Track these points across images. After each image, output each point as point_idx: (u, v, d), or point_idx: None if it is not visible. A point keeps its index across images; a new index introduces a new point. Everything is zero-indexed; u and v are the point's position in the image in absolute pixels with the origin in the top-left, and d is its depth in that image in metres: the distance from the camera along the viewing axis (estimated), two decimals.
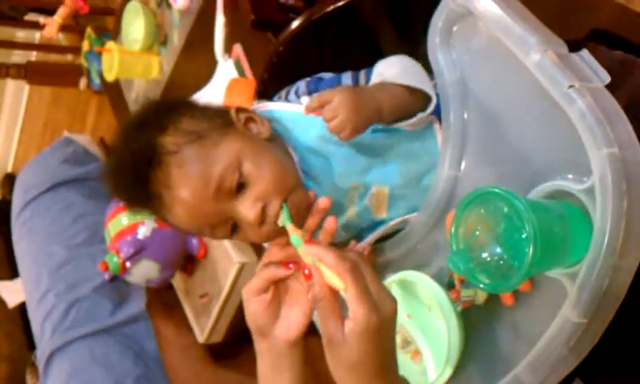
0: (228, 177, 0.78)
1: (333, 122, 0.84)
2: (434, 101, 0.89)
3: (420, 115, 0.89)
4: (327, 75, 0.94)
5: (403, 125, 0.90)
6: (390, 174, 0.93)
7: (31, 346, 2.45)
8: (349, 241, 0.93)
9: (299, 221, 0.79)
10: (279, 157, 0.84)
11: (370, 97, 0.87)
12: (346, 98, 0.84)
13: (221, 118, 0.85)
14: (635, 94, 0.85)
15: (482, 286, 0.70)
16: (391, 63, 0.93)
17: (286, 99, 0.94)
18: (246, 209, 0.79)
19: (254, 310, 0.80)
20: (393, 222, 0.95)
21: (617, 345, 0.77)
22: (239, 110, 0.87)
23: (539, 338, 0.73)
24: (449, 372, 0.82)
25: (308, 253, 0.72)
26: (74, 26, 2.92)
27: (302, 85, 0.93)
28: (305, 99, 0.91)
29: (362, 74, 0.96)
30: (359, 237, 0.97)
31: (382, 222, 0.96)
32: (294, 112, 0.91)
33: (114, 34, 2.15)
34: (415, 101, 0.90)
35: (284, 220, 0.77)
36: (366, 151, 0.91)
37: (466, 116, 0.87)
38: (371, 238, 0.96)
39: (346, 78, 0.95)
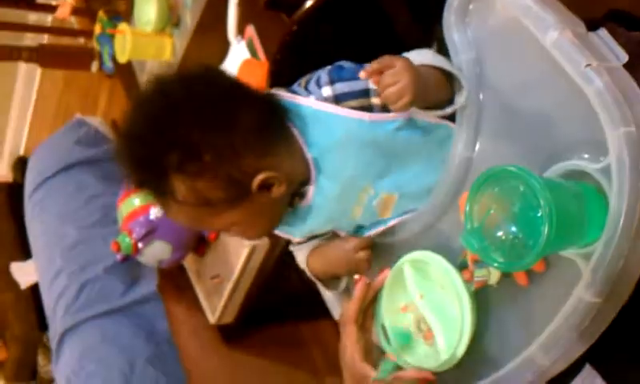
0: (213, 231, 0.88)
1: (393, 88, 0.81)
2: (467, 88, 0.87)
3: (454, 105, 0.88)
4: (347, 64, 0.92)
5: (435, 114, 0.88)
6: (403, 182, 0.92)
7: (43, 326, 2.48)
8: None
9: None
10: (268, 219, 0.92)
11: (421, 75, 0.84)
12: (409, 66, 0.81)
13: (238, 188, 0.84)
14: None
15: (496, 264, 0.70)
16: (420, 52, 0.91)
17: (306, 88, 0.92)
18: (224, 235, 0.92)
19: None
20: (392, 222, 0.95)
21: (628, 331, 0.77)
22: (269, 177, 0.85)
23: (552, 318, 0.73)
24: (461, 352, 0.82)
25: None
26: (85, 9, 2.91)
27: (323, 75, 0.91)
28: (326, 90, 0.89)
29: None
30: (355, 230, 0.98)
31: (382, 221, 0.96)
32: (320, 110, 0.89)
33: (126, 16, 2.15)
34: (448, 88, 0.88)
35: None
36: (386, 156, 0.90)
37: (481, 96, 0.87)
38: (372, 233, 0.96)
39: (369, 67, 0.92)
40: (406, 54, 0.91)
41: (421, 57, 0.89)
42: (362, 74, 0.84)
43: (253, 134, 0.84)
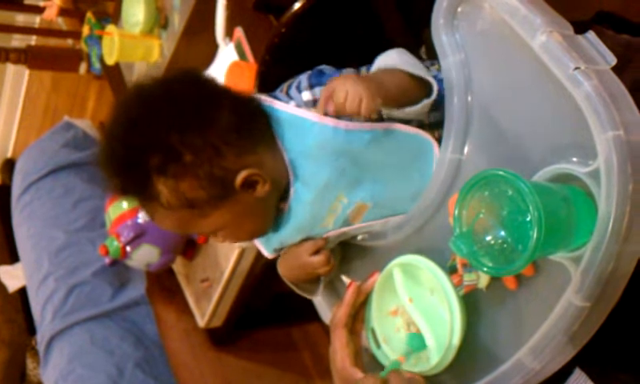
0: (202, 235, 0.87)
1: (347, 101, 0.81)
2: (435, 88, 0.87)
3: (425, 101, 0.88)
4: (328, 69, 0.93)
5: (407, 111, 0.88)
6: (378, 192, 0.91)
7: (31, 330, 2.46)
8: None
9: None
10: (257, 221, 0.91)
11: (372, 77, 0.85)
12: (346, 77, 0.83)
13: (221, 187, 0.84)
14: None
15: (485, 269, 0.69)
16: (390, 56, 0.91)
17: (287, 94, 0.92)
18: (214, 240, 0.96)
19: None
20: (358, 225, 0.94)
21: (617, 334, 0.77)
22: (252, 174, 0.85)
23: (542, 322, 0.73)
24: (451, 356, 0.82)
25: None
26: (73, 10, 2.90)
27: (303, 79, 0.91)
28: (306, 94, 0.89)
29: (364, 69, 0.94)
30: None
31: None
32: (296, 116, 0.88)
33: (114, 18, 2.14)
34: (417, 88, 0.88)
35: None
36: (361, 165, 0.89)
37: (469, 99, 0.86)
38: (329, 234, 0.95)
39: (348, 72, 0.93)
40: (378, 57, 0.92)
41: (386, 60, 0.90)
42: (320, 113, 0.85)
43: (233, 133, 0.84)
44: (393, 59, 0.90)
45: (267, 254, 0.99)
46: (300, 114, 0.88)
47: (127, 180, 0.85)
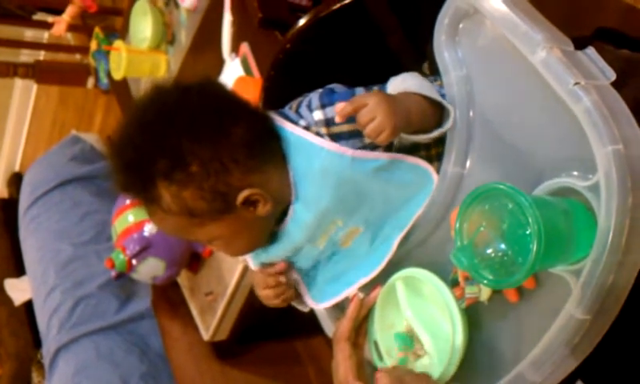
0: (196, 242, 0.91)
1: (371, 125, 0.82)
2: (452, 114, 0.87)
3: (438, 130, 0.88)
4: (339, 88, 0.92)
5: (422, 138, 0.88)
6: (373, 218, 0.92)
7: (37, 343, 2.46)
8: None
9: None
10: (252, 237, 0.91)
11: (400, 101, 0.85)
12: (381, 100, 0.82)
13: (222, 201, 0.84)
14: None
15: (486, 281, 0.70)
16: (406, 79, 0.91)
17: (297, 112, 0.91)
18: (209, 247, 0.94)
19: None
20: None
21: (619, 347, 0.77)
22: (254, 194, 0.85)
23: (543, 334, 0.74)
24: (453, 369, 0.82)
25: None
26: (81, 26, 2.93)
27: (314, 98, 0.89)
28: (317, 114, 0.88)
29: (375, 89, 0.92)
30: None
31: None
32: (303, 138, 0.88)
33: (122, 33, 2.17)
34: (434, 113, 0.88)
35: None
36: (361, 195, 0.89)
37: (471, 114, 0.87)
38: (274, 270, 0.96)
39: (360, 92, 0.91)
40: (391, 79, 0.92)
41: (405, 84, 0.89)
42: (337, 119, 0.85)
43: (242, 150, 0.84)
44: (410, 81, 0.90)
45: (253, 266, 1.00)
46: (308, 138, 0.87)
47: (131, 179, 0.85)
